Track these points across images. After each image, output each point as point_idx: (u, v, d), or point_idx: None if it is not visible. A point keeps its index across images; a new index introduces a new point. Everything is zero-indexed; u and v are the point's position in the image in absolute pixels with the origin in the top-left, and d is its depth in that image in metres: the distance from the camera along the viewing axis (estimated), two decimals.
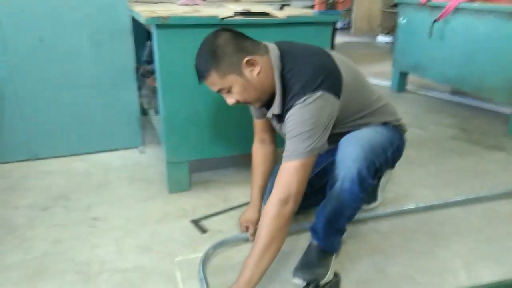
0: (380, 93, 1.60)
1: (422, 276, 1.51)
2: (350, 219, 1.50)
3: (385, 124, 1.56)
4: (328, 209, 1.45)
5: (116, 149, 2.51)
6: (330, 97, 1.33)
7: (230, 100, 1.42)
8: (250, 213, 1.73)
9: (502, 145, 2.66)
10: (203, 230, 1.73)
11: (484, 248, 1.66)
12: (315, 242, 1.55)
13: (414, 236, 1.74)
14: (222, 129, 1.99)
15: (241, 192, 2.05)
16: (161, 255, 1.59)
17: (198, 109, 1.92)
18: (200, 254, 1.56)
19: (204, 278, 1.40)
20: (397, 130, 1.59)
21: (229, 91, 1.39)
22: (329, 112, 1.33)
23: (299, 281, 1.44)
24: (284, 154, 1.32)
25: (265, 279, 1.45)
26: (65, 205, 1.92)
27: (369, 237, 1.72)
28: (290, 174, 1.29)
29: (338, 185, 1.40)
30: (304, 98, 1.29)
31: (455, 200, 1.96)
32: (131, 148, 2.53)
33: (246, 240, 1.66)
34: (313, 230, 1.55)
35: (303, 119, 1.30)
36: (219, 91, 1.40)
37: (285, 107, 1.37)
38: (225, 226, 1.77)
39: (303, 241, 1.67)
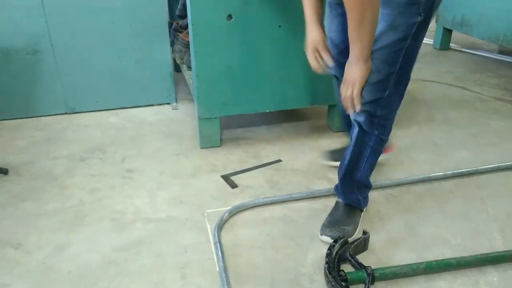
0: None
1: (455, 238, 1.47)
2: (370, 167, 1.45)
3: None
4: (345, 160, 1.44)
5: (150, 105, 2.53)
6: None
7: None
8: (312, 35, 1.41)
9: None
10: (233, 185, 1.75)
11: None
12: (340, 200, 1.54)
13: (448, 198, 1.68)
14: (255, 85, 1.96)
15: (272, 150, 2.03)
16: (192, 207, 1.62)
17: (230, 65, 1.89)
18: (229, 207, 1.58)
19: (219, 243, 1.41)
20: None
21: None
22: None
23: (326, 239, 1.44)
24: None
25: (295, 233, 1.47)
26: (101, 157, 1.98)
27: (402, 198, 1.68)
28: None
29: (351, 138, 1.41)
30: None
31: (490, 166, 1.86)
32: (165, 104, 2.55)
33: (264, 204, 1.63)
34: (337, 188, 1.54)
35: None
36: None
37: None
38: (255, 182, 1.78)
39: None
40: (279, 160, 1.94)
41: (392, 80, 1.28)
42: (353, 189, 1.48)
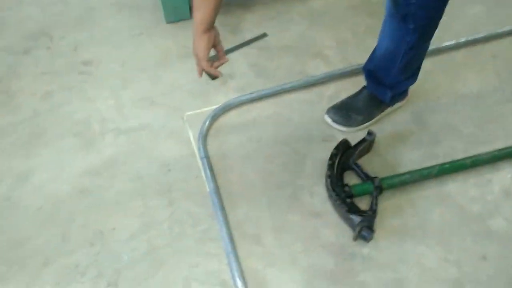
0: None
1: (466, 126, 1.32)
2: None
3: None
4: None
5: None
6: None
7: None
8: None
9: None
10: (213, 76, 1.48)
11: None
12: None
13: (460, 73, 1.48)
14: None
15: (254, 20, 1.69)
16: (168, 109, 1.39)
17: None
18: (211, 107, 1.36)
19: (206, 158, 1.22)
20: None
21: None
22: None
23: (327, 120, 1.32)
24: None
25: (288, 136, 1.28)
26: (48, 46, 1.62)
27: None
28: None
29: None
30: None
31: (507, 29, 1.60)
32: None
33: (250, 100, 1.39)
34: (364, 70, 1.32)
35: None
36: None
37: None
38: (237, 69, 1.51)
39: (332, 88, 1.43)
40: (265, 35, 1.63)
41: None
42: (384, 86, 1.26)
